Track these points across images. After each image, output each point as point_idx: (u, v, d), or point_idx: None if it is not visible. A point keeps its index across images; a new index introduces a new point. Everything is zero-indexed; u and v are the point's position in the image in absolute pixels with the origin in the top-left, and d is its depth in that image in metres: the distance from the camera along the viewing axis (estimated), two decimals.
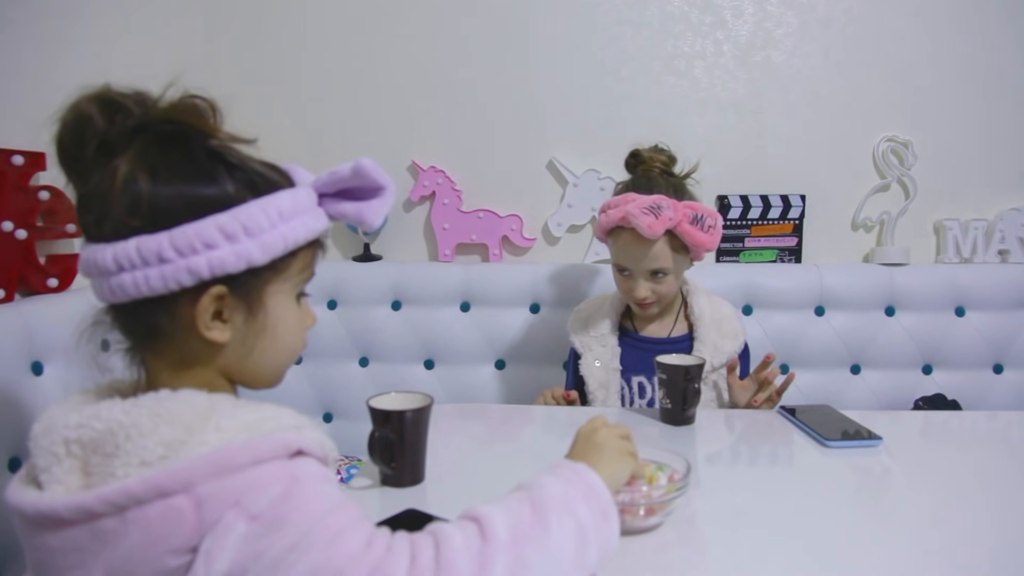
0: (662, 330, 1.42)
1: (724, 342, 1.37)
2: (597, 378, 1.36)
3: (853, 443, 1.06)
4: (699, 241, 1.28)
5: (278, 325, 0.66)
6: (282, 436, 0.57)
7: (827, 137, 1.83)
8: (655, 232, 1.24)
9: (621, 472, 0.74)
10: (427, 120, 1.86)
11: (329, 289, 1.79)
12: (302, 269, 0.67)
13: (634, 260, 1.30)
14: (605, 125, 1.84)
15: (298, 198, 0.64)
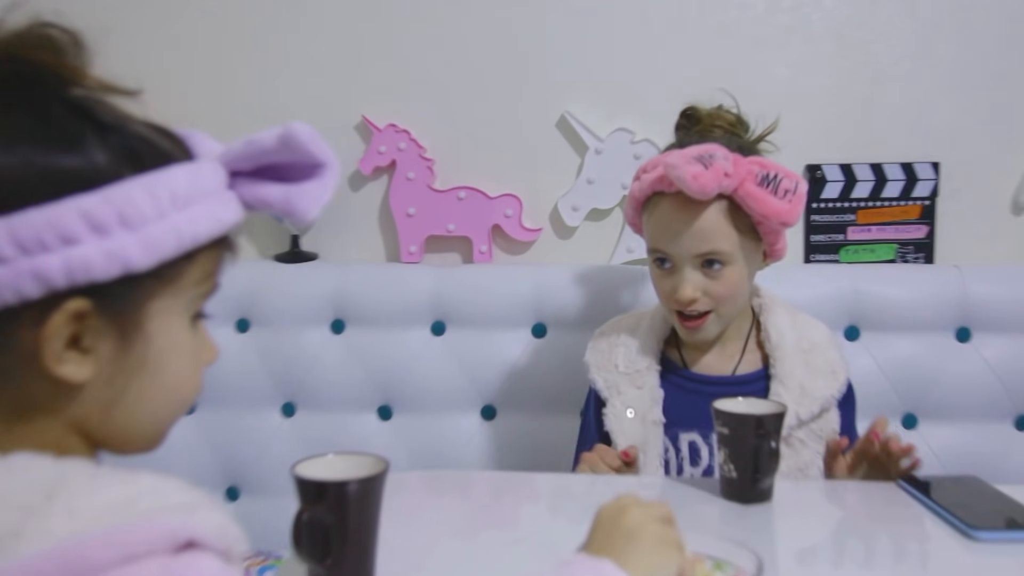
0: (724, 364, 1.43)
1: (816, 382, 1.37)
2: (629, 434, 1.37)
3: (1013, 534, 1.04)
4: (771, 209, 1.27)
5: (164, 359, 0.67)
6: (165, 521, 0.57)
7: (973, 77, 1.81)
8: (703, 186, 1.24)
9: (660, 570, 0.76)
10: (384, 59, 1.88)
11: (238, 303, 1.80)
12: (201, 279, 0.68)
13: (675, 239, 1.32)
14: (641, 65, 1.85)
15: (200, 177, 0.66)
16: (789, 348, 1.38)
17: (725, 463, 1.14)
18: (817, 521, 1.15)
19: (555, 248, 1.87)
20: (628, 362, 1.41)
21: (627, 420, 1.37)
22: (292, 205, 0.69)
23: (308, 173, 0.69)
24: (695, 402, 1.35)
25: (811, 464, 1.33)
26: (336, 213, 1.88)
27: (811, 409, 1.34)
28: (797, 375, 1.36)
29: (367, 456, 0.96)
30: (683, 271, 1.32)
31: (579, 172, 1.84)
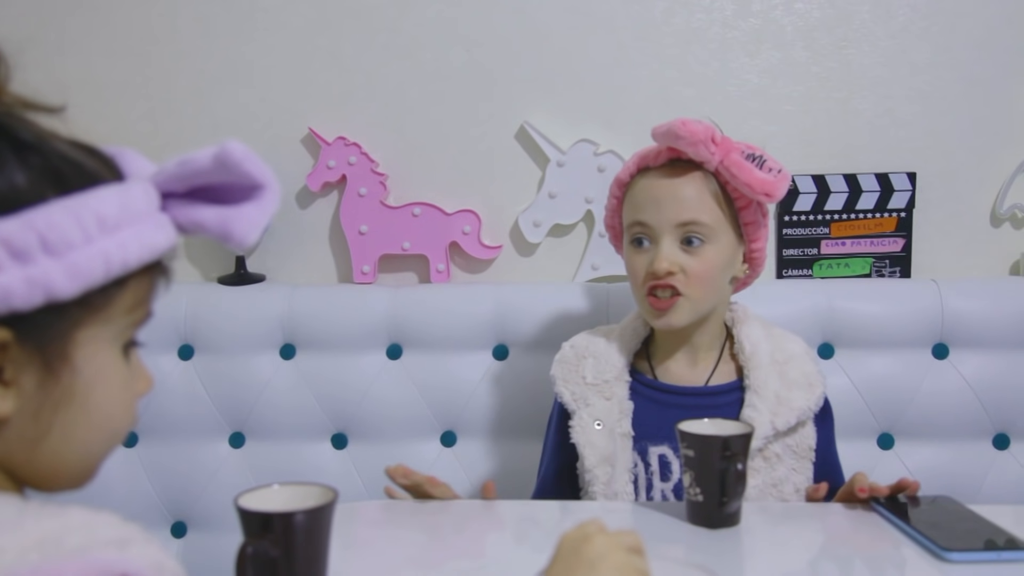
0: (696, 375, 1.43)
1: (792, 393, 1.37)
2: (597, 447, 1.37)
3: (987, 555, 1.04)
4: (755, 178, 1.30)
5: (92, 391, 0.66)
6: (95, 557, 0.56)
7: (951, 84, 1.83)
8: (692, 131, 1.30)
9: None
10: (332, 69, 1.88)
11: (181, 329, 1.79)
12: (133, 307, 0.68)
13: (657, 207, 1.35)
14: (604, 73, 1.85)
15: (129, 199, 0.65)
16: (763, 359, 1.38)
17: (691, 487, 1.14)
18: (786, 545, 1.15)
19: (516, 266, 1.87)
20: (596, 373, 1.41)
21: (595, 432, 1.37)
22: (228, 229, 0.68)
23: (246, 195, 0.69)
24: (665, 414, 1.36)
25: (786, 480, 1.33)
26: (284, 232, 1.88)
27: (787, 420, 1.33)
28: (772, 385, 1.36)
29: (315, 486, 0.96)
30: (661, 244, 1.33)
31: (540, 186, 1.84)
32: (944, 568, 1.02)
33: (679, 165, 1.34)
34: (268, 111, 1.86)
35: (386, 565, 1.08)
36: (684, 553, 1.09)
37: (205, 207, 0.69)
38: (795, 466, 1.35)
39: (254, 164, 0.67)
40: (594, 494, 1.34)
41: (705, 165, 1.33)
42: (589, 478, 1.36)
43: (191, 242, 1.90)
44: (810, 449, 1.36)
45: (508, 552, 1.18)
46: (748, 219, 1.37)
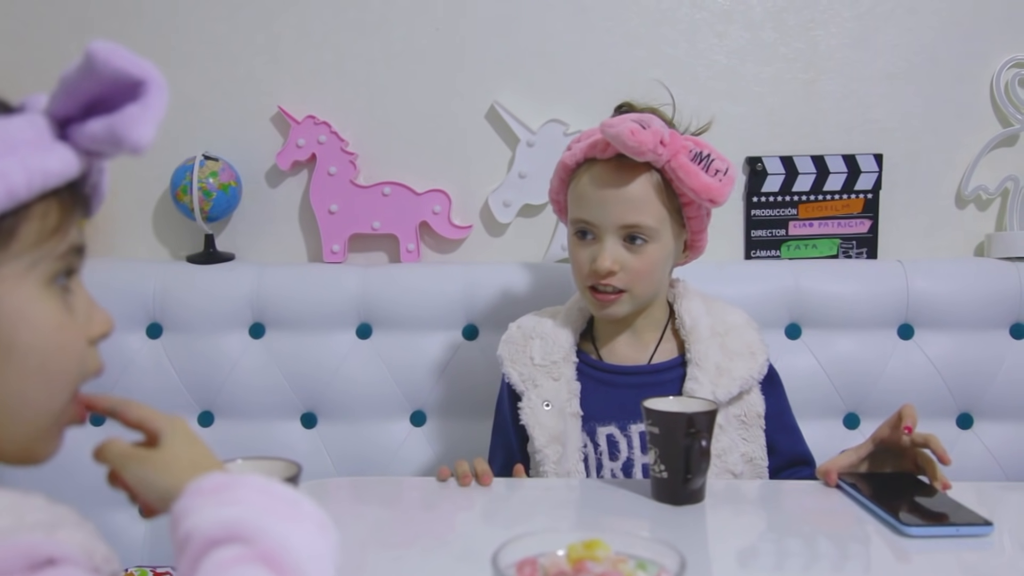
0: (640, 354, 1.44)
1: (733, 363, 1.38)
2: (547, 427, 1.37)
3: (945, 530, 1.05)
4: (701, 183, 1.29)
5: (18, 333, 0.64)
6: (19, 540, 0.56)
7: (917, 65, 1.83)
8: (640, 142, 1.26)
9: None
10: (301, 46, 1.87)
11: (149, 307, 1.78)
12: (44, 237, 0.65)
13: (602, 207, 1.34)
14: (573, 53, 1.85)
15: (4, 129, 0.63)
16: (704, 332, 1.39)
17: (656, 463, 1.15)
18: (750, 521, 1.15)
19: (486, 246, 1.87)
20: (544, 354, 1.41)
21: (544, 413, 1.37)
22: (117, 134, 0.65)
23: (130, 96, 0.66)
24: (611, 394, 1.38)
25: (731, 449, 1.34)
26: (253, 211, 1.87)
27: (729, 390, 1.34)
28: (713, 357, 1.37)
29: (278, 460, 0.95)
30: (604, 242, 1.33)
31: (510, 166, 1.84)
32: (903, 543, 1.02)
33: (626, 161, 1.32)
34: (237, 89, 1.85)
35: (355, 541, 1.07)
36: (649, 530, 1.09)
37: (94, 120, 0.66)
38: (744, 435, 1.36)
39: (124, 59, 0.64)
40: (545, 473, 1.34)
41: (652, 163, 1.32)
42: (539, 458, 1.36)
43: (159, 221, 1.89)
44: (759, 416, 1.37)
45: (477, 529, 1.17)
46: (691, 214, 1.36)
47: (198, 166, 1.73)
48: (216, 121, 1.83)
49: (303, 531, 0.62)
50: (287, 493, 0.65)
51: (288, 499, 0.64)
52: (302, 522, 0.63)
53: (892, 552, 1.02)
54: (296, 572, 0.59)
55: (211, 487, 0.64)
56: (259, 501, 0.63)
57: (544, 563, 0.81)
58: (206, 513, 0.61)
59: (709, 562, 1.00)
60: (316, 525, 0.64)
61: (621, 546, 0.82)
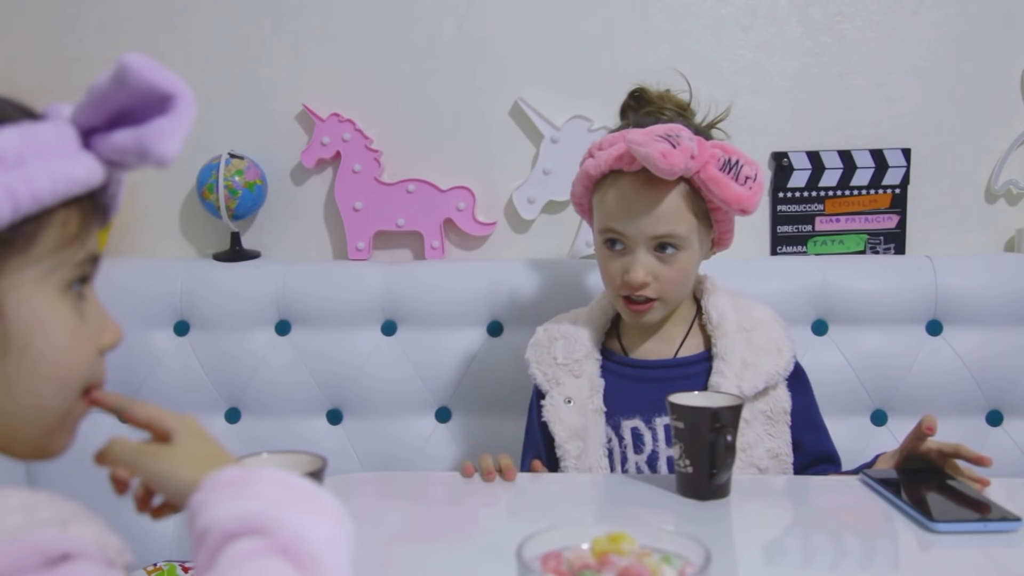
0: (665, 348, 1.44)
1: (759, 358, 1.38)
2: (568, 424, 1.38)
3: (974, 525, 1.04)
4: (732, 194, 1.28)
5: (33, 338, 0.65)
6: (34, 537, 0.56)
7: (946, 59, 1.82)
8: (672, 164, 1.24)
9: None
10: (325, 45, 1.86)
11: (177, 305, 1.79)
12: (63, 245, 0.66)
13: (632, 220, 1.32)
14: (597, 49, 1.84)
15: (34, 136, 0.63)
16: (730, 327, 1.39)
17: (681, 458, 1.15)
18: (775, 517, 1.15)
19: (511, 242, 1.87)
20: (566, 353, 1.42)
21: (564, 408, 1.38)
22: (144, 146, 0.66)
23: (158, 109, 0.66)
24: (636, 388, 1.38)
25: (756, 444, 1.34)
26: (278, 209, 1.87)
27: (755, 384, 1.34)
28: (739, 352, 1.37)
29: (303, 454, 0.96)
30: (636, 253, 1.32)
31: (535, 162, 1.83)
32: (931, 538, 1.02)
33: (654, 174, 1.28)
34: (262, 88, 1.85)
35: (381, 537, 1.08)
36: (674, 524, 1.09)
37: (121, 131, 0.67)
38: (770, 431, 1.36)
39: (156, 73, 0.65)
40: (566, 468, 1.34)
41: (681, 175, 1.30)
42: (560, 453, 1.36)
43: (186, 219, 1.90)
44: (785, 412, 1.37)
45: (502, 525, 1.18)
46: (720, 217, 1.35)
47: (224, 164, 1.74)
48: (241, 120, 1.84)
49: (320, 523, 0.62)
50: (304, 486, 0.65)
51: (305, 492, 0.65)
52: (320, 515, 0.63)
53: (919, 547, 1.02)
54: (314, 563, 0.59)
55: (228, 481, 0.64)
56: (276, 494, 0.63)
57: (569, 556, 0.81)
58: (224, 507, 0.61)
59: (735, 557, 1.00)
60: (333, 518, 0.64)
61: (646, 540, 0.82)
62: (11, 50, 1.83)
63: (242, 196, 1.75)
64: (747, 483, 1.22)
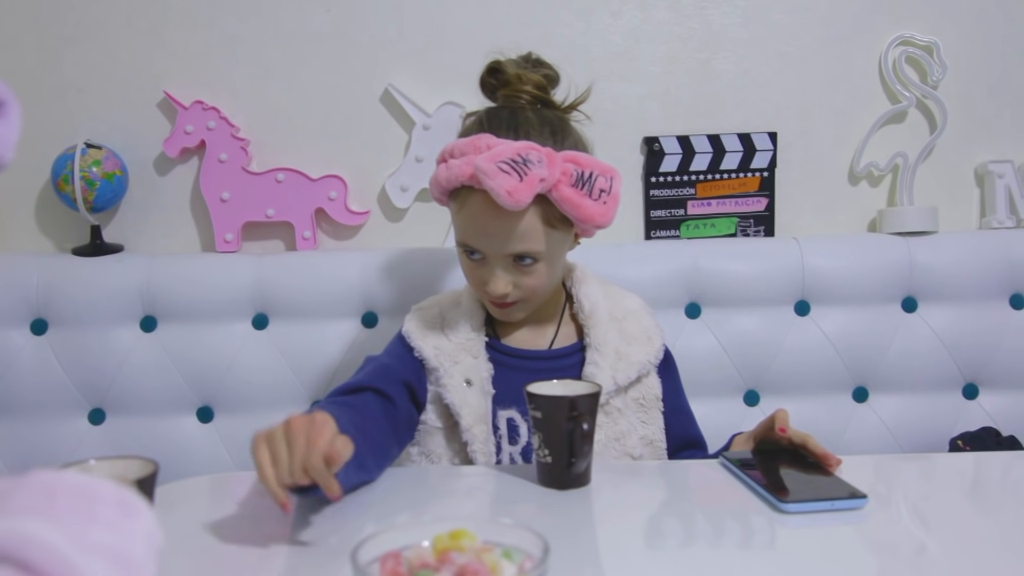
0: (540, 340, 1.43)
1: (632, 348, 1.39)
2: (474, 408, 1.34)
3: (821, 505, 1.07)
4: (586, 214, 1.26)
5: None
6: None
7: (809, 43, 1.85)
8: (519, 201, 1.22)
9: None
10: (187, 28, 1.82)
11: (34, 302, 1.73)
12: None
13: (488, 239, 1.30)
14: (466, 34, 1.83)
15: None
16: (602, 316, 1.39)
17: (540, 448, 1.14)
18: (634, 502, 1.15)
19: (385, 232, 1.85)
20: (456, 332, 1.40)
21: (467, 391, 1.35)
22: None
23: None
24: (512, 378, 1.36)
25: (629, 432, 1.35)
26: (142, 200, 1.82)
27: (628, 374, 1.35)
28: (612, 342, 1.37)
29: (134, 459, 0.93)
30: (494, 267, 1.31)
31: (407, 150, 1.82)
32: (779, 519, 1.03)
33: None
34: (121, 73, 1.79)
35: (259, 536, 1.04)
36: (535, 514, 1.08)
37: None
38: (643, 418, 1.37)
39: None
40: (473, 453, 1.32)
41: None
42: (467, 438, 1.33)
43: (42, 212, 1.84)
44: (657, 399, 1.38)
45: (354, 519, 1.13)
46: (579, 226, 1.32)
47: (79, 154, 1.67)
48: (98, 107, 1.77)
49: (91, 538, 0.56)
50: (78, 500, 0.58)
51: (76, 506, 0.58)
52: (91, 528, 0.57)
53: (769, 528, 1.03)
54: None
55: None
56: (40, 510, 0.57)
57: (408, 556, 0.79)
58: None
59: (596, 545, 0.99)
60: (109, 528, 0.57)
61: (488, 535, 0.82)
62: None
63: (100, 187, 1.69)
64: (607, 470, 1.23)
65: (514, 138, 1.26)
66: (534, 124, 1.29)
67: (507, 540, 0.83)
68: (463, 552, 0.79)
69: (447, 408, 1.34)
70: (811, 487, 1.10)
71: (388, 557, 0.78)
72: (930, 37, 1.81)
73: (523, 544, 0.82)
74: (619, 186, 1.28)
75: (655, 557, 0.98)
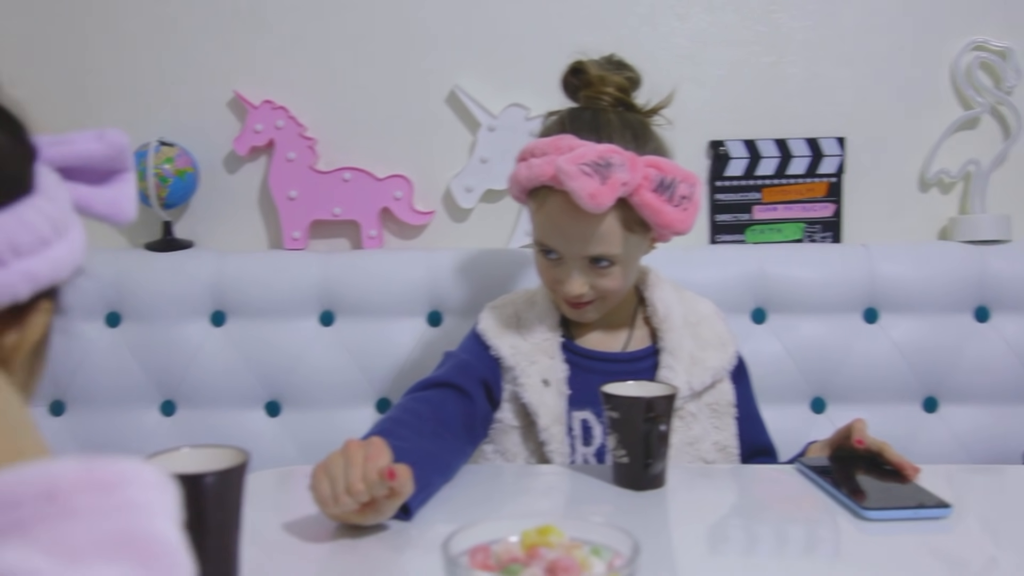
0: (613, 342, 1.43)
1: (706, 353, 1.38)
2: (551, 408, 1.34)
3: (904, 513, 1.05)
4: (666, 220, 1.26)
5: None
6: None
7: (879, 47, 1.82)
8: (600, 204, 1.22)
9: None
10: (257, 30, 1.84)
11: (108, 295, 1.75)
12: None
13: (566, 240, 1.30)
14: (534, 36, 1.83)
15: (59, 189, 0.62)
16: (677, 321, 1.39)
17: (616, 448, 1.14)
18: (711, 506, 1.15)
19: (449, 231, 1.85)
20: (532, 332, 1.39)
21: (545, 391, 1.34)
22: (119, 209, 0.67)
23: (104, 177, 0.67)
24: (587, 379, 1.36)
25: (703, 438, 1.34)
26: (212, 197, 1.84)
27: (703, 379, 1.34)
28: (686, 346, 1.37)
29: (227, 448, 0.93)
30: (570, 268, 1.31)
31: (472, 151, 1.82)
32: (864, 526, 1.02)
33: None
34: (193, 74, 1.81)
35: (322, 530, 1.05)
36: (610, 515, 1.08)
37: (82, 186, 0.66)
38: (716, 424, 1.36)
39: (129, 151, 0.66)
40: (550, 453, 1.31)
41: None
42: (544, 437, 1.33)
43: None
44: (730, 405, 1.37)
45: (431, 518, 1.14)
46: (657, 231, 1.32)
47: (153, 152, 1.69)
48: (172, 106, 1.80)
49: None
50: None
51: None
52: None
53: (852, 535, 1.02)
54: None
55: None
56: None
57: (497, 550, 0.79)
58: None
59: (671, 547, 0.99)
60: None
61: (575, 532, 0.82)
62: None
63: (173, 184, 1.71)
64: (683, 472, 1.22)
65: (596, 140, 1.25)
66: (616, 127, 1.29)
67: (594, 538, 0.83)
68: (552, 548, 0.79)
69: (523, 407, 1.34)
70: (892, 495, 1.09)
71: (477, 551, 0.78)
72: (1005, 42, 1.78)
73: (611, 542, 0.82)
74: (700, 193, 1.29)
75: (732, 563, 0.98)
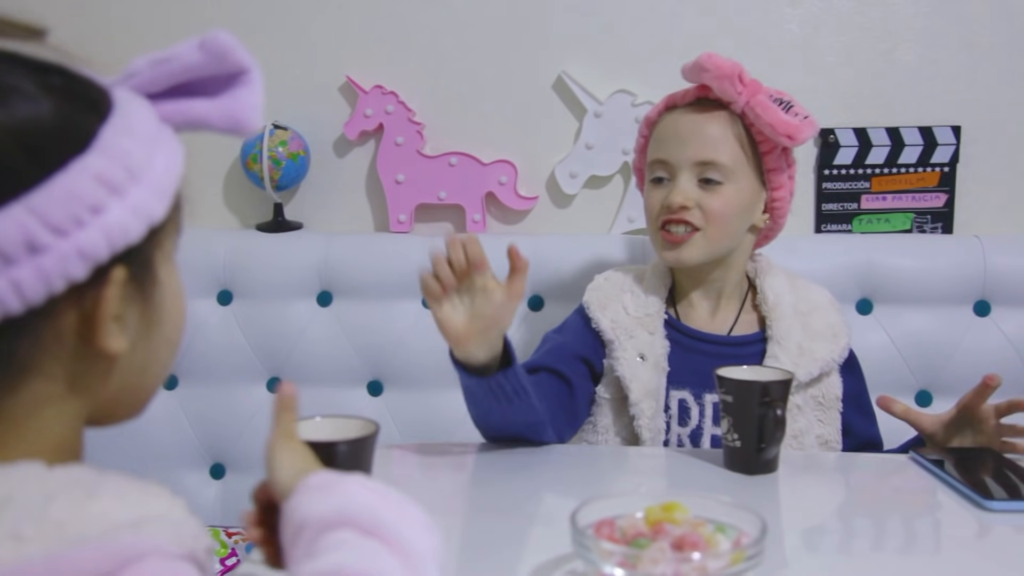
0: (719, 325, 1.42)
1: (815, 344, 1.36)
2: (644, 383, 1.34)
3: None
4: (778, 119, 1.30)
5: (168, 307, 0.66)
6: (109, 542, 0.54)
7: (998, 34, 1.77)
8: (718, 64, 1.31)
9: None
10: (369, 17, 1.86)
11: (220, 274, 1.80)
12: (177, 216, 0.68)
13: (680, 143, 1.35)
14: (642, 22, 1.82)
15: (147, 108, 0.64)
16: (786, 309, 1.38)
17: (729, 432, 1.14)
18: (824, 493, 1.15)
19: (552, 217, 1.86)
20: (637, 307, 1.39)
21: (639, 366, 1.34)
22: (236, 118, 0.66)
23: (225, 84, 0.67)
24: (690, 359, 1.36)
25: (807, 431, 1.33)
26: (321, 180, 1.87)
27: (810, 371, 1.33)
28: (795, 336, 1.35)
29: (356, 419, 0.96)
30: (678, 180, 1.33)
31: (577, 137, 1.82)
32: (985, 517, 1.00)
33: (706, 104, 1.34)
34: (305, 59, 1.85)
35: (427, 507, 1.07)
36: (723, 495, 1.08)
37: (197, 101, 0.66)
38: (821, 417, 1.34)
39: (241, 50, 0.65)
40: (639, 428, 1.32)
41: (732, 106, 1.32)
42: (635, 412, 1.33)
43: (229, 189, 1.91)
44: (836, 399, 1.35)
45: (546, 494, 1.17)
46: (771, 165, 1.35)
47: (268, 135, 1.74)
48: (285, 91, 1.83)
49: (411, 523, 0.63)
50: (391, 492, 0.66)
51: (393, 496, 0.65)
52: (407, 518, 0.64)
53: (973, 526, 1.00)
54: (412, 551, 0.60)
55: (319, 484, 0.65)
56: (367, 495, 0.64)
57: (622, 524, 0.80)
58: (318, 504, 0.63)
59: (781, 532, 0.98)
60: (420, 524, 0.64)
61: (699, 510, 0.83)
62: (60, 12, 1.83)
63: (286, 167, 1.75)
64: (795, 459, 1.21)
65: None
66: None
67: (719, 516, 0.84)
68: (677, 524, 0.80)
69: (619, 381, 1.34)
70: (1014, 484, 1.06)
71: (603, 524, 0.79)
72: None
73: (736, 521, 0.83)
74: (816, 123, 1.33)
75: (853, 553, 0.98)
